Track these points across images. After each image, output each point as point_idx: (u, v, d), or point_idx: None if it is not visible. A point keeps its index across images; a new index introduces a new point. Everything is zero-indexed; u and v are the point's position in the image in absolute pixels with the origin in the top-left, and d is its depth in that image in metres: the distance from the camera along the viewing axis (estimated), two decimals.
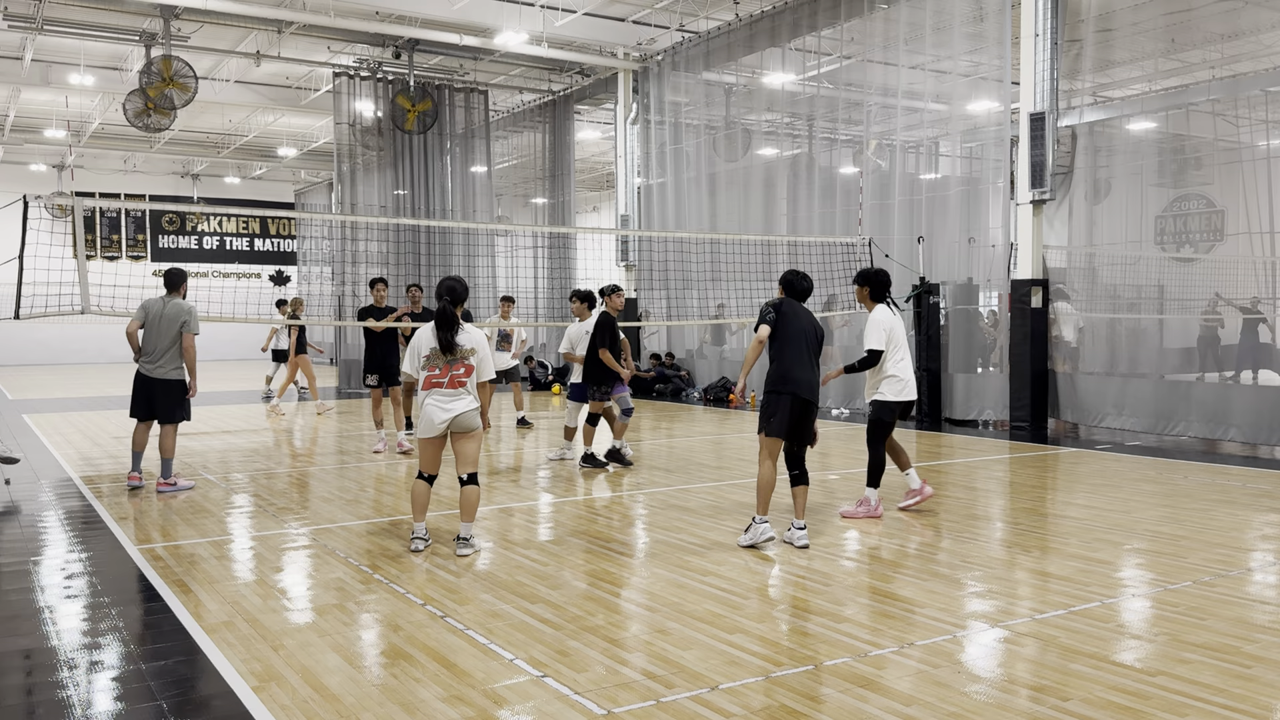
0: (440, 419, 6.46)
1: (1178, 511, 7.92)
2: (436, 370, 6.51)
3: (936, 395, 14.34)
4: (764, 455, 6.80)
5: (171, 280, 8.97)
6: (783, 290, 7.08)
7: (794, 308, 6.92)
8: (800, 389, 6.73)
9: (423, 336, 6.60)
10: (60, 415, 15.77)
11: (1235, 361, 13.69)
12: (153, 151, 29.99)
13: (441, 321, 6.52)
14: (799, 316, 6.89)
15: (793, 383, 6.72)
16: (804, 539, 6.75)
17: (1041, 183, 13.16)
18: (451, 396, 6.50)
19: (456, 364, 6.51)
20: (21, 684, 4.44)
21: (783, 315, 6.84)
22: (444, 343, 6.49)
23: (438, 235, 21.54)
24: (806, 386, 6.76)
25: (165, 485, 8.93)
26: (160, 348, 8.75)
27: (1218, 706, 4.01)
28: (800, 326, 6.84)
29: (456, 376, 6.51)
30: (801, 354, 6.78)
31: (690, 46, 18.97)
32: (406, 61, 20.36)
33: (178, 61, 17.57)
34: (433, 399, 6.50)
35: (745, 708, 4.02)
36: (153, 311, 8.79)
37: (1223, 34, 12.99)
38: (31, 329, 27.57)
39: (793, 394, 6.71)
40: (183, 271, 9.12)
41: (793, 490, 6.92)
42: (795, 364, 6.75)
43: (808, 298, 7.09)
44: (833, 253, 14.62)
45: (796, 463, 6.94)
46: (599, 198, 35.45)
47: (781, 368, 6.76)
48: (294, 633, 5.01)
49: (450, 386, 6.49)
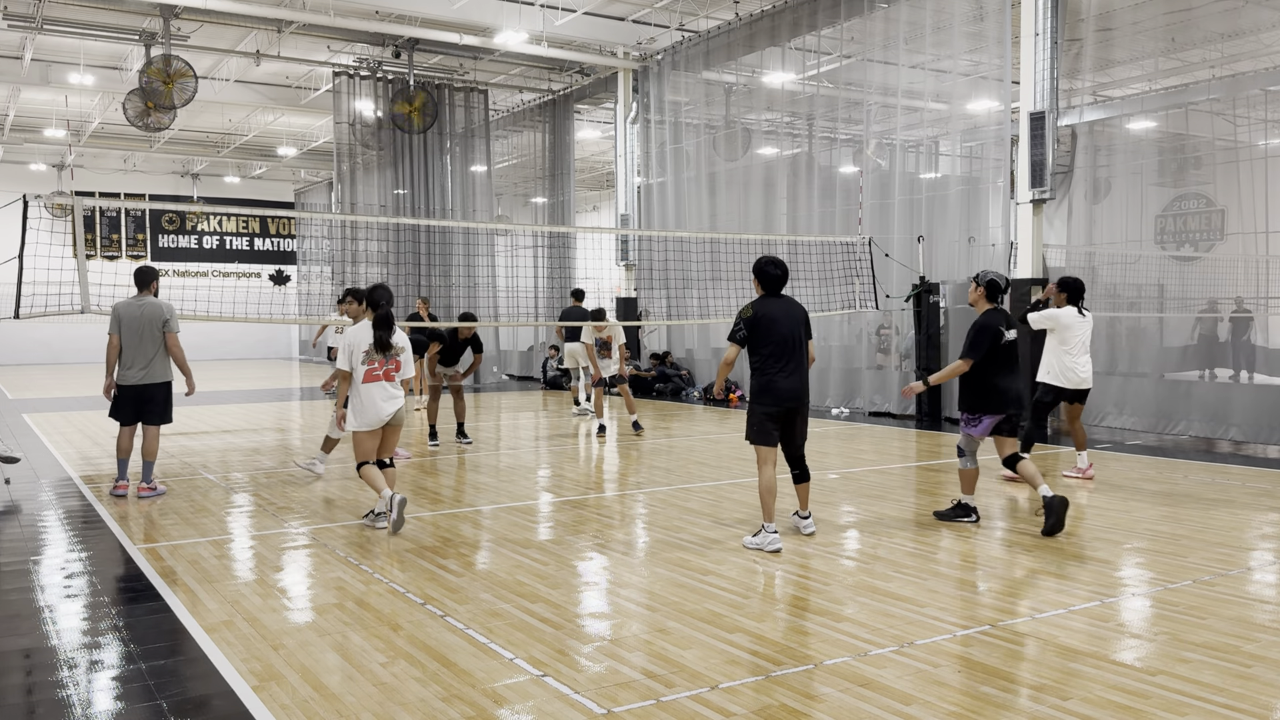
0: (387, 411, 7.23)
1: (1178, 511, 7.92)
2: (376, 365, 7.22)
3: (936, 395, 14.34)
4: (760, 462, 6.71)
5: (143, 278, 8.60)
6: (758, 283, 6.77)
7: (770, 310, 6.62)
8: (785, 400, 6.59)
9: (360, 336, 7.26)
10: (60, 415, 15.77)
11: (1231, 360, 13.71)
12: (152, 151, 29.99)
13: (381, 323, 7.23)
14: (777, 320, 6.59)
15: (776, 395, 6.57)
16: (810, 526, 6.88)
17: (1041, 182, 13.16)
18: (391, 390, 7.27)
19: (391, 360, 7.28)
20: (21, 684, 4.44)
21: (759, 325, 6.57)
22: (381, 341, 7.21)
23: (438, 235, 21.54)
24: (790, 395, 6.59)
25: (147, 490, 8.66)
26: (147, 354, 8.44)
27: (1218, 706, 4.01)
28: (781, 331, 6.57)
29: (390, 371, 7.30)
30: (785, 360, 6.57)
31: (690, 46, 18.97)
32: (406, 61, 20.36)
33: (177, 61, 17.57)
34: (376, 392, 7.21)
35: (745, 707, 4.02)
36: (129, 316, 8.40)
37: (1223, 33, 12.98)
38: (31, 329, 27.54)
39: (777, 406, 6.59)
40: (154, 269, 8.79)
41: (796, 488, 6.96)
42: (778, 373, 6.56)
43: (784, 285, 6.78)
44: (832, 252, 14.61)
45: (796, 461, 6.90)
46: (599, 197, 35.45)
47: (763, 379, 6.59)
48: (294, 633, 5.01)
49: (387, 379, 7.26)
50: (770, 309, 6.63)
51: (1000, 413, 7.25)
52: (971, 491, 7.48)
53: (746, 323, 6.58)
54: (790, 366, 6.57)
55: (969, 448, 7.43)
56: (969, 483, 7.48)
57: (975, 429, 7.33)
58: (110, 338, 8.45)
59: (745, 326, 6.58)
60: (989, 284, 7.37)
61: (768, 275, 6.73)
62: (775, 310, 6.64)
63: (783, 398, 6.56)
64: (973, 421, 7.33)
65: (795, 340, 6.63)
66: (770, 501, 6.63)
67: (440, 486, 9.41)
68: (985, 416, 7.28)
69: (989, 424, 7.29)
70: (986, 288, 7.37)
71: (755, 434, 6.68)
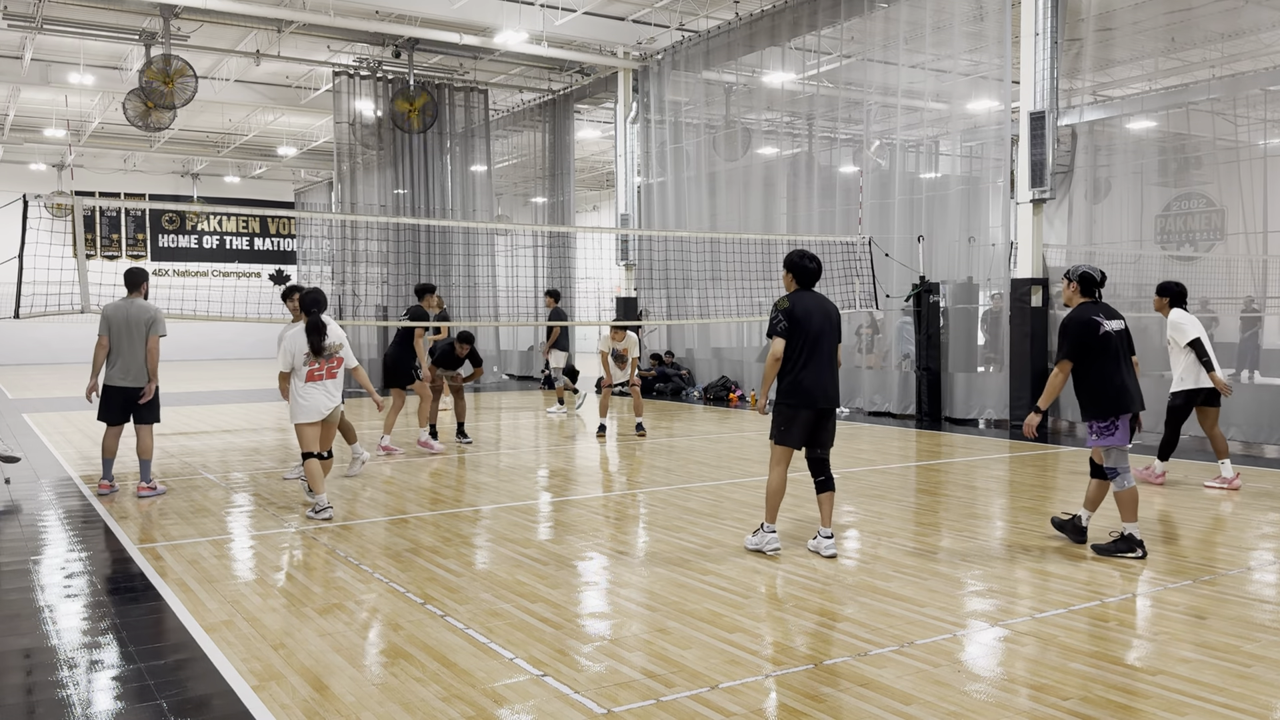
0: (327, 406, 7.79)
1: (1177, 511, 7.92)
2: (317, 366, 7.72)
3: (937, 395, 14.34)
4: (774, 461, 6.42)
5: (134, 280, 8.63)
6: (791, 276, 6.45)
7: (805, 303, 6.30)
8: (817, 400, 6.25)
9: (297, 340, 7.69)
10: (60, 415, 15.77)
11: (1235, 360, 13.71)
12: (152, 151, 29.98)
13: (312, 330, 7.68)
14: (813, 315, 6.27)
15: (807, 394, 6.23)
16: (831, 548, 6.37)
17: (1041, 182, 13.16)
18: (331, 388, 7.82)
19: (331, 359, 7.79)
20: (21, 684, 4.44)
21: (796, 320, 6.24)
22: (316, 347, 7.66)
23: (438, 235, 21.54)
24: (823, 395, 6.26)
25: (146, 489, 8.65)
26: (136, 356, 8.43)
27: (1218, 706, 4.01)
28: (817, 327, 6.26)
29: (331, 369, 7.82)
30: (819, 358, 6.24)
31: (690, 46, 18.97)
32: (406, 61, 20.36)
33: (177, 61, 17.57)
34: (319, 390, 7.76)
35: (745, 707, 4.02)
36: (117, 318, 8.42)
37: (1223, 33, 12.99)
38: (31, 329, 27.54)
39: (808, 407, 6.27)
40: (144, 271, 8.80)
41: (818, 498, 6.50)
42: (811, 371, 6.22)
43: (818, 280, 6.48)
44: (832, 252, 14.61)
45: (821, 468, 6.48)
46: (599, 197, 35.45)
47: (795, 376, 6.24)
48: (294, 633, 5.01)
49: (329, 378, 7.81)
50: (806, 302, 6.32)
51: (1128, 410, 6.37)
52: (1135, 518, 6.37)
53: (785, 314, 6.25)
54: (822, 364, 6.26)
55: (1119, 464, 6.38)
56: (1130, 508, 6.35)
57: (1113, 437, 6.38)
58: (100, 339, 8.49)
59: (785, 318, 6.24)
60: (1081, 277, 6.59)
61: (803, 269, 6.42)
62: (811, 304, 6.33)
63: (815, 398, 6.24)
64: (1108, 430, 6.37)
65: (827, 338, 6.32)
66: (776, 502, 6.44)
67: (440, 486, 9.41)
68: (1120, 418, 6.37)
69: (1126, 426, 6.40)
70: (1079, 282, 6.59)
71: (780, 433, 6.35)
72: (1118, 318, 6.55)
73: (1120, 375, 6.38)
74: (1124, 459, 6.40)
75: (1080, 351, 6.37)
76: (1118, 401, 6.34)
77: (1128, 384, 6.40)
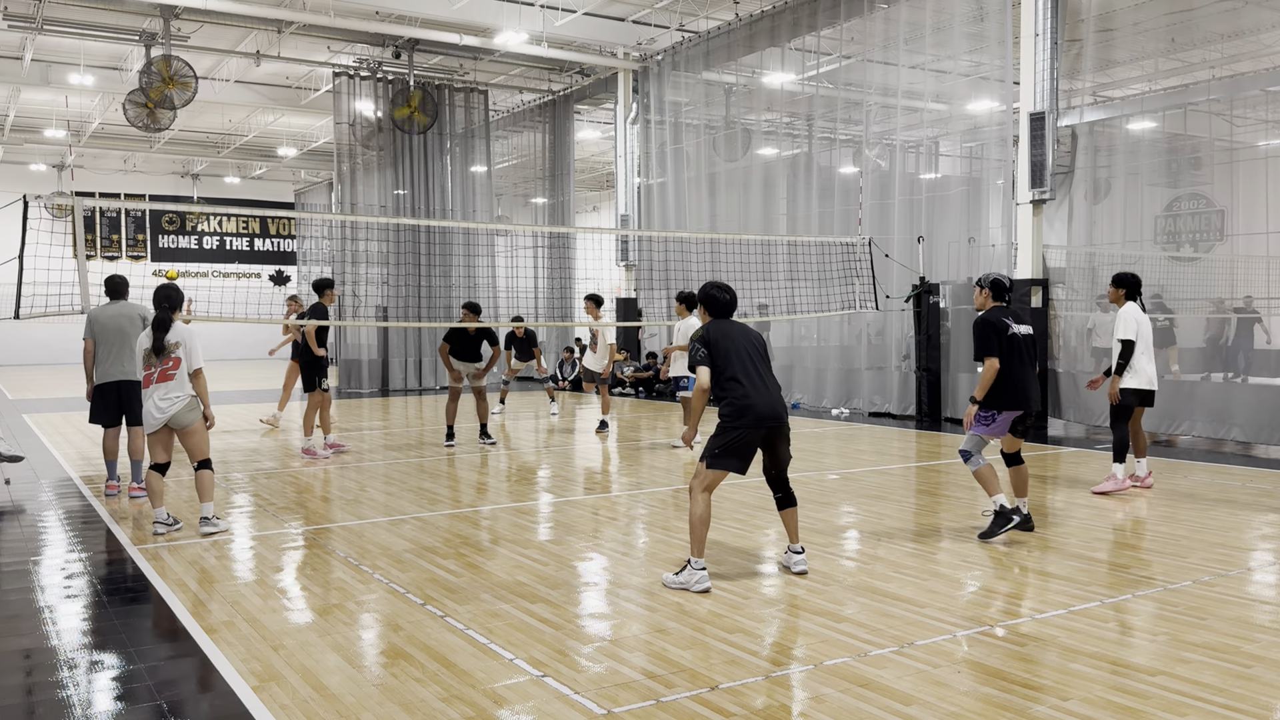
0: (157, 417, 7.19)
1: (1178, 511, 7.92)
2: (151, 369, 7.24)
3: (936, 395, 14.34)
4: (702, 487, 5.85)
5: (117, 288, 8.82)
6: (704, 310, 6.19)
7: (723, 329, 6.02)
8: (766, 419, 5.87)
9: (141, 340, 7.36)
10: (60, 415, 15.77)
11: (1233, 362, 13.70)
12: (153, 151, 30.00)
13: (157, 325, 7.24)
14: (735, 339, 5.96)
15: (753, 412, 5.82)
16: (802, 564, 6.10)
17: (1041, 182, 13.16)
18: (167, 391, 7.18)
19: (166, 359, 7.22)
20: (21, 684, 4.44)
21: (716, 346, 5.92)
22: (157, 344, 7.20)
23: (438, 235, 21.55)
24: (770, 414, 5.89)
25: (138, 490, 8.65)
26: (129, 350, 8.47)
27: (1218, 706, 4.01)
28: (743, 348, 5.95)
29: (165, 370, 7.22)
30: (752, 375, 5.89)
31: (690, 46, 18.97)
32: (406, 61, 20.37)
33: (177, 61, 17.57)
34: (152, 396, 7.20)
35: (745, 708, 4.02)
36: (105, 320, 8.56)
37: (1223, 34, 12.99)
38: (31, 329, 27.49)
39: (757, 427, 5.86)
40: (125, 279, 8.98)
41: (781, 515, 6.21)
42: (750, 389, 5.84)
43: (734, 310, 6.20)
44: (832, 252, 14.61)
45: (780, 485, 6.18)
46: (599, 197, 35.44)
47: (735, 401, 5.83)
48: (294, 633, 5.01)
49: (160, 380, 7.20)
50: (724, 328, 6.04)
51: (1019, 409, 6.90)
52: (998, 490, 6.89)
53: (702, 342, 5.95)
54: (761, 384, 5.91)
55: (975, 447, 6.98)
56: (990, 482, 6.90)
57: (989, 427, 6.95)
58: (85, 343, 8.58)
59: (703, 345, 5.94)
60: (993, 284, 7.10)
61: (716, 301, 6.15)
62: (730, 329, 6.04)
63: (763, 417, 5.86)
64: (988, 420, 6.93)
65: (759, 358, 6.03)
66: (703, 533, 5.81)
67: (440, 486, 9.40)
68: (1002, 413, 6.90)
69: (1006, 420, 6.95)
70: (991, 288, 7.08)
71: (718, 458, 5.84)
72: (1026, 323, 7.09)
73: (1022, 375, 6.92)
74: (981, 445, 7.02)
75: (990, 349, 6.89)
76: (1013, 398, 6.90)
77: (1027, 385, 6.93)
